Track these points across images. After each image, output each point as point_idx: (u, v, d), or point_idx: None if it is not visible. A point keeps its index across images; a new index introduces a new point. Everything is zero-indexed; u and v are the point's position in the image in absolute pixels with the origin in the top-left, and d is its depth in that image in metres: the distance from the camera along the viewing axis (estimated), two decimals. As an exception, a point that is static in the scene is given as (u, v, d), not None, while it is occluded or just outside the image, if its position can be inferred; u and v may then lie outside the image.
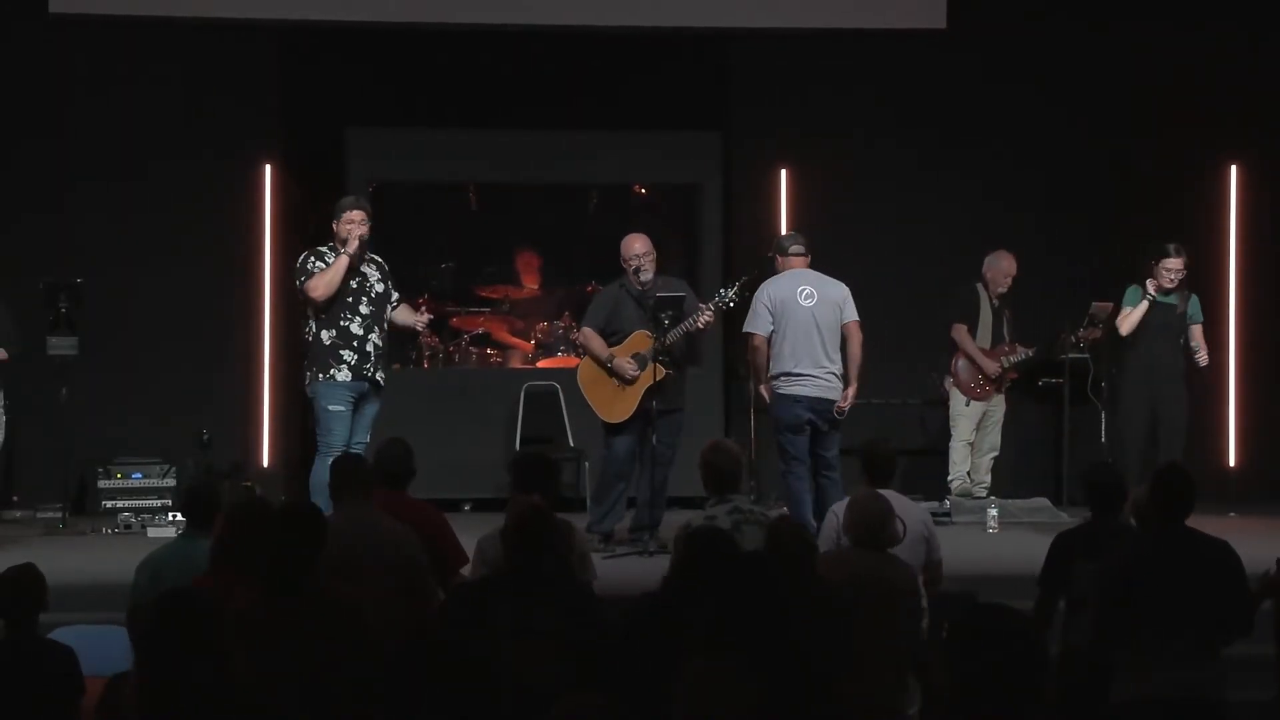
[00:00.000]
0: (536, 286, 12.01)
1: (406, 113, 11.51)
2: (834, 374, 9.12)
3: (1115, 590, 5.73)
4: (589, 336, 9.37)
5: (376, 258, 9.13)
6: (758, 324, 9.20)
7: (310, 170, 11.30)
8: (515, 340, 11.83)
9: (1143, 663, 5.62)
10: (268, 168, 11.29)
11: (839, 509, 7.02)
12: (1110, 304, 10.50)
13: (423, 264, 11.89)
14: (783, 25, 11.55)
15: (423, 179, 11.82)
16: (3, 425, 9.81)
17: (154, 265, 11.08)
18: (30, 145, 11.11)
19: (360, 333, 8.87)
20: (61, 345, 9.83)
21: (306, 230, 10.29)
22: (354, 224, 8.87)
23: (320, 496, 8.67)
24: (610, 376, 9.23)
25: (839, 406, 9.11)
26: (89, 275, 10.17)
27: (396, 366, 11.59)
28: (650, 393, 9.09)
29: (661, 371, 9.07)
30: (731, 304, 9.34)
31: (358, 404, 8.91)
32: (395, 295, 9.11)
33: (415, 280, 11.68)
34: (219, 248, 11.21)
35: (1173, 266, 9.70)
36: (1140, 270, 10.11)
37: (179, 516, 9.75)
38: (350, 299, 8.89)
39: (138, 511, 10.05)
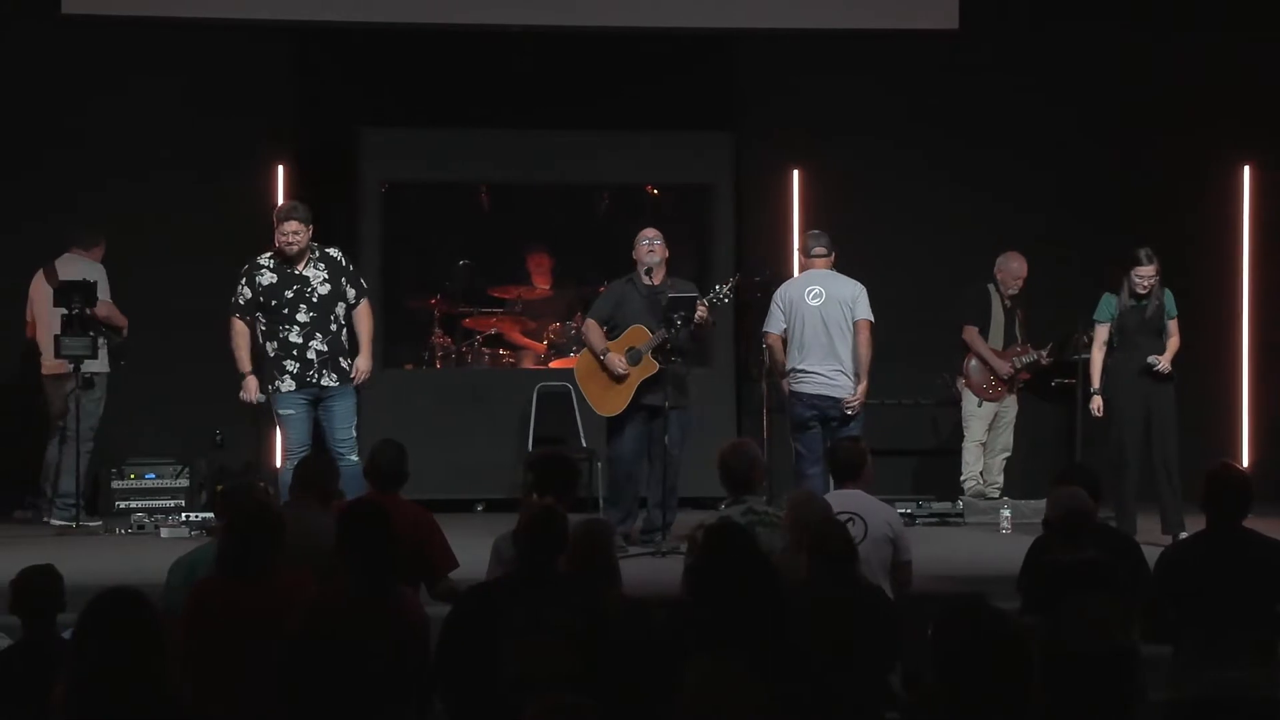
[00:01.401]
0: (548, 287, 12.01)
1: (419, 113, 11.51)
2: (842, 372, 9.17)
3: (1168, 589, 5.76)
4: (590, 328, 9.42)
5: (330, 253, 9.14)
6: (771, 323, 9.40)
7: (322, 171, 11.30)
8: (527, 341, 11.83)
9: (1195, 661, 5.65)
10: (280, 168, 11.29)
11: None
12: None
13: (435, 264, 11.89)
14: (794, 25, 11.55)
15: (435, 179, 11.81)
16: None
17: (167, 265, 11.08)
18: (42, 146, 11.12)
19: (300, 341, 8.93)
20: (75, 346, 9.84)
21: (317, 230, 10.28)
22: (286, 235, 8.94)
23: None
24: (604, 370, 9.27)
25: (846, 402, 9.14)
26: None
27: (409, 366, 11.63)
28: (645, 388, 9.12)
29: (655, 365, 9.10)
30: (726, 299, 9.44)
31: (320, 404, 8.96)
32: (353, 292, 9.09)
33: (428, 281, 11.70)
34: (231, 248, 11.17)
35: (1144, 274, 9.60)
36: (1112, 278, 9.96)
37: (192, 517, 9.79)
38: (286, 310, 8.95)
39: (151, 512, 10.07)
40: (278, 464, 10.97)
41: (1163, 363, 9.63)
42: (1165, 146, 11.60)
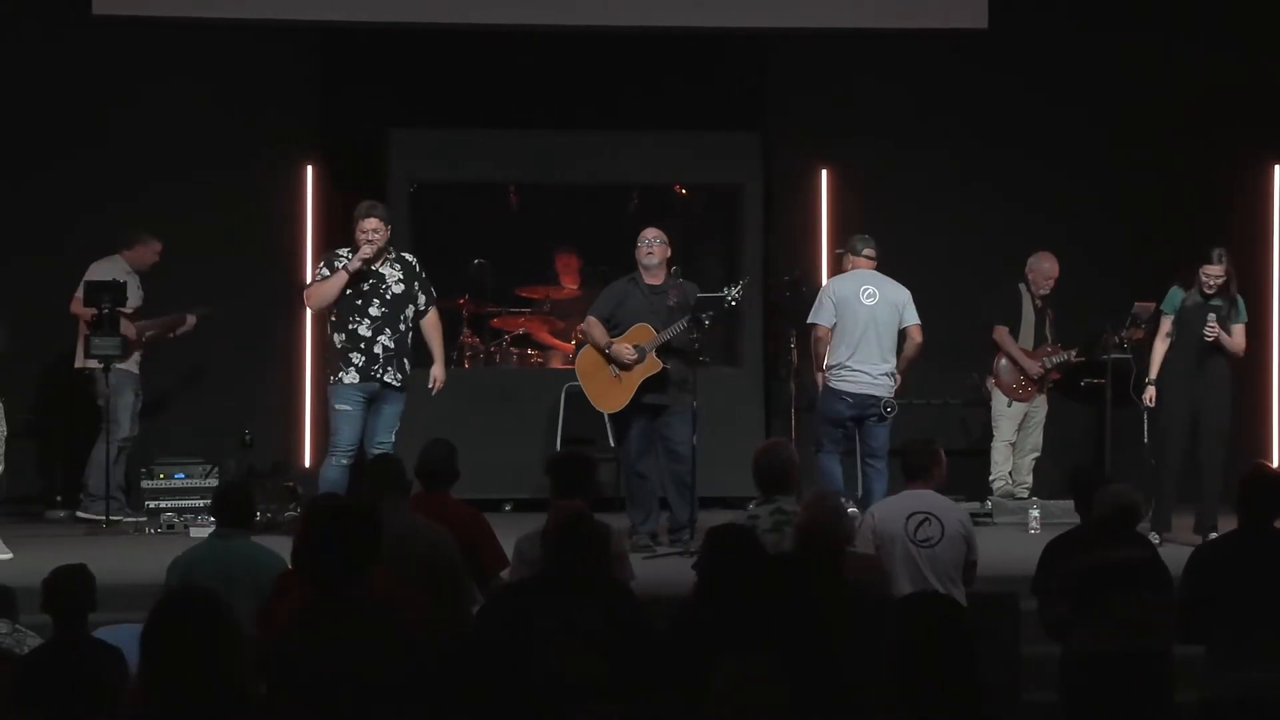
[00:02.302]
0: (576, 287, 12.01)
1: (448, 113, 11.53)
2: (886, 373, 9.27)
3: (1199, 589, 5.75)
4: (591, 324, 9.44)
5: (406, 256, 9.22)
6: (822, 315, 9.43)
7: (351, 171, 11.32)
8: (555, 341, 11.84)
9: (1226, 661, 5.64)
10: (309, 168, 11.33)
11: (875, 510, 7.10)
12: (1152, 304, 10.41)
13: (464, 264, 11.89)
14: (822, 25, 11.54)
15: (464, 179, 11.82)
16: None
17: (195, 266, 11.11)
18: (72, 147, 11.17)
19: (368, 334, 8.96)
20: (104, 345, 9.88)
21: (344, 232, 10.32)
22: (366, 233, 8.97)
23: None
24: (608, 364, 9.28)
25: (886, 402, 9.19)
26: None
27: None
28: (647, 387, 9.14)
29: (658, 365, 9.11)
30: (734, 303, 9.38)
31: (373, 404, 9.01)
32: (423, 298, 9.15)
33: (456, 281, 11.70)
34: (260, 248, 11.26)
35: (1212, 273, 9.52)
36: (1183, 273, 9.92)
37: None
38: (359, 301, 8.99)
39: (180, 511, 10.11)
40: (306, 463, 11.07)
41: (1217, 336, 9.48)
42: (1195, 146, 11.54)
